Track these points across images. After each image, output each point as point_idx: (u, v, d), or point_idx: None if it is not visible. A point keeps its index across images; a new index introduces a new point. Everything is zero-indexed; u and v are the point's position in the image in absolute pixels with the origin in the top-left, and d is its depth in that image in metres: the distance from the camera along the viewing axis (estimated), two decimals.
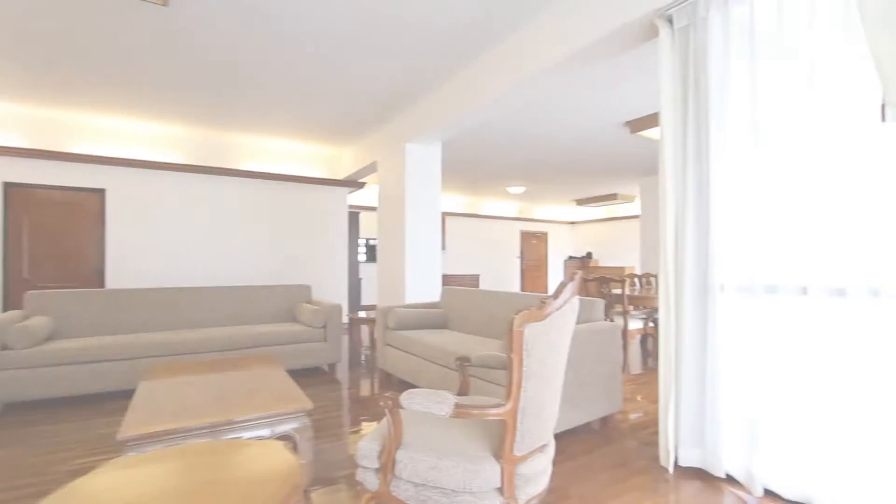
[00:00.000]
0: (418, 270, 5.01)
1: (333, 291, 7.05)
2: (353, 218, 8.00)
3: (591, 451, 2.64)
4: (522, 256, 12.92)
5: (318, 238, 6.95)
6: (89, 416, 3.22)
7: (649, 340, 5.72)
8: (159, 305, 4.24)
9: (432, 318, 4.13)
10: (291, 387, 2.31)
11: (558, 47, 2.96)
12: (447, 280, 10.86)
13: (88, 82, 4.32)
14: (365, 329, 6.68)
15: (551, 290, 13.14)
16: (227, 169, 6.18)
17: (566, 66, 3.05)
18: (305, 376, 4.29)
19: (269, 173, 6.47)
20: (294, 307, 4.84)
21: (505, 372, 2.53)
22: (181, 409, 1.98)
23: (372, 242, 10.12)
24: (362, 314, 5.11)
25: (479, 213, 11.79)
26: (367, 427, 3.05)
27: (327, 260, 7.02)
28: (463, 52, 3.62)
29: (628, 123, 5.31)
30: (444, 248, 11.08)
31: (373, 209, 9.61)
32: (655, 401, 3.56)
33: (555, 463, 2.39)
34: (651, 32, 2.58)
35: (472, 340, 3.51)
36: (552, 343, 1.52)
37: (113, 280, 5.60)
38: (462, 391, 2.10)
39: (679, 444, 2.39)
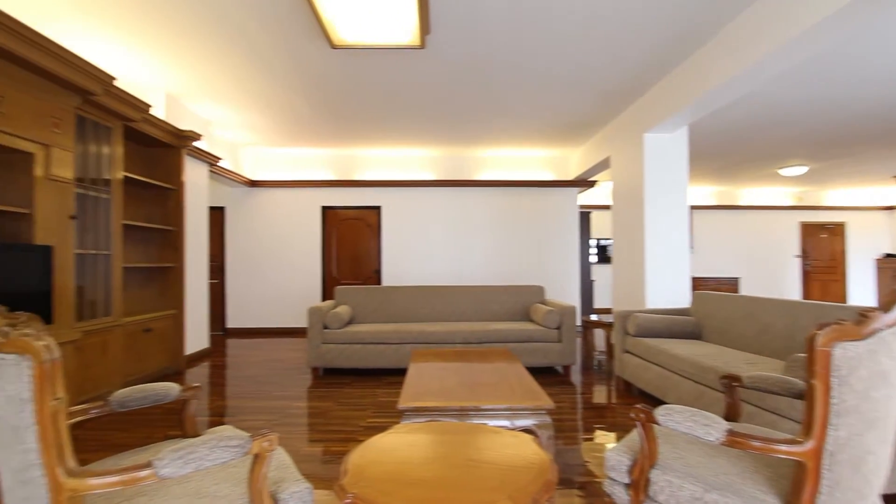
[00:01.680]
0: (660, 272, 4.50)
1: (565, 293, 7.03)
2: (584, 218, 7.80)
3: None
4: (804, 255, 10.12)
5: (550, 239, 7.06)
6: (374, 385, 4.05)
7: None
8: (418, 300, 5.04)
9: (681, 327, 3.64)
10: (532, 383, 2.38)
11: None
12: (697, 284, 9.44)
13: (368, 124, 5.50)
14: (599, 333, 6.41)
15: (854, 299, 9.88)
16: (468, 180, 6.92)
17: None
18: (538, 375, 4.38)
19: (502, 181, 6.94)
20: (528, 307, 5.02)
21: (794, 401, 2.01)
22: (440, 391, 2.28)
23: (604, 243, 9.66)
24: (594, 317, 4.91)
25: (738, 203, 9.81)
26: (602, 436, 2.90)
27: (559, 261, 7.06)
28: (716, 13, 3.08)
29: None
30: (692, 247, 9.67)
31: (605, 208, 9.18)
32: None
33: None
34: None
35: (736, 356, 2.92)
36: (882, 372, 1.11)
37: (387, 278, 6.98)
38: (729, 416, 1.76)
39: None
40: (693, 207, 9.66)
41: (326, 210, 7.10)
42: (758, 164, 7.40)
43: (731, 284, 9.78)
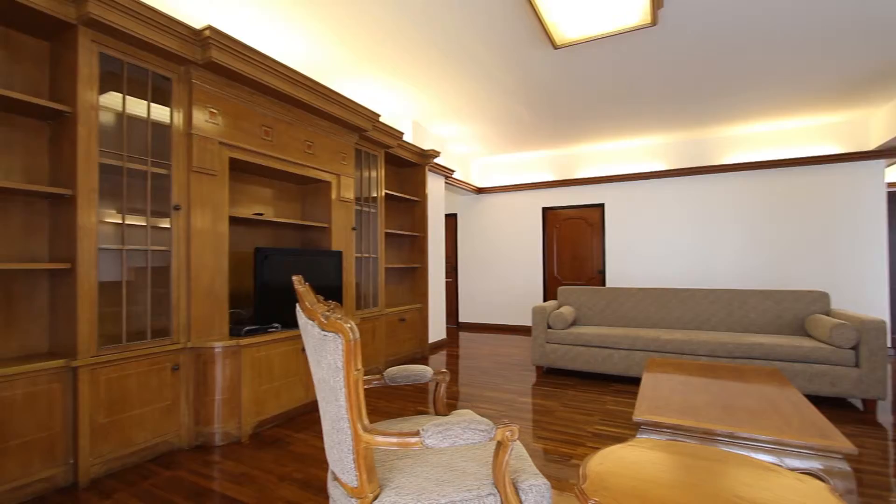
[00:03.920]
0: None
1: (864, 302, 5.29)
2: None
3: None
4: None
5: (837, 231, 5.42)
6: (600, 391, 3.87)
7: None
8: (649, 304, 4.58)
9: None
10: (817, 416, 1.86)
11: None
12: None
13: (589, 120, 5.31)
14: None
15: None
16: (711, 166, 5.93)
17: None
18: (821, 407, 3.41)
19: (760, 162, 5.69)
20: (803, 318, 3.97)
21: None
22: (683, 407, 2.01)
23: None
24: None
25: None
26: None
27: (852, 260, 5.36)
28: None
29: None
30: None
31: None
32: None
33: None
34: None
35: None
36: None
37: (611, 279, 6.60)
38: None
39: None
40: None
41: (547, 211, 7.18)
42: None
43: None
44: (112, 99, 2.49)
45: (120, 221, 2.53)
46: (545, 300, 7.10)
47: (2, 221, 2.22)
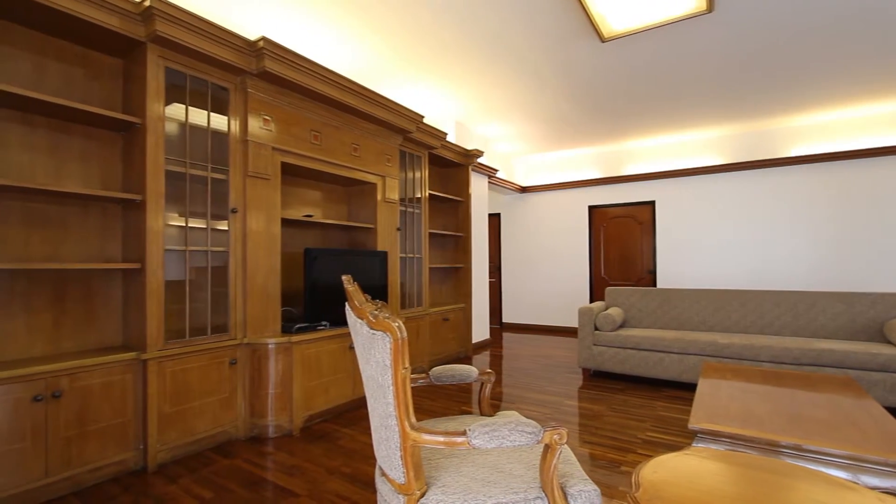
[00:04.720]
0: None
1: None
2: None
3: None
4: None
5: None
6: (650, 396, 3.72)
7: None
8: (705, 306, 4.35)
9: None
10: None
11: None
12: None
13: (637, 115, 5.10)
14: None
15: None
16: (772, 160, 5.56)
17: None
18: None
19: (830, 153, 5.26)
20: (882, 323, 3.63)
21: None
22: (743, 416, 1.89)
23: None
24: None
25: None
26: None
27: None
28: None
29: None
30: None
31: None
32: None
33: None
34: None
35: None
36: None
37: (662, 280, 6.32)
38: None
39: None
40: None
41: (593, 209, 6.99)
42: None
43: None
44: (176, 110, 2.66)
45: (183, 224, 2.70)
46: (591, 301, 6.91)
47: (82, 225, 2.43)
